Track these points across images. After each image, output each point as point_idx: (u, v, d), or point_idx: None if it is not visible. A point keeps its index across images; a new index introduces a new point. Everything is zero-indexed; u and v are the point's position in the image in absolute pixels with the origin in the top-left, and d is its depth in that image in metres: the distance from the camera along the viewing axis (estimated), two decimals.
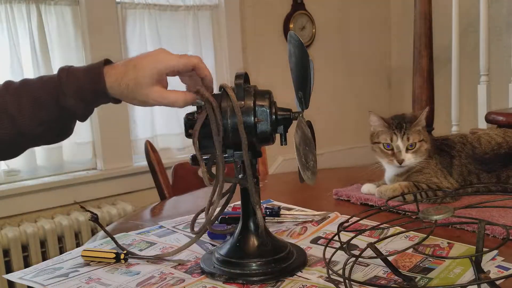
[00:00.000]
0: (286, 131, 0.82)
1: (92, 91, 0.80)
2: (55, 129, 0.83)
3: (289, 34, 0.81)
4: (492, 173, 1.11)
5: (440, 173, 1.11)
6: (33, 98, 0.78)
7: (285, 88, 1.26)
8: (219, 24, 2.89)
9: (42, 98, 0.78)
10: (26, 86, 0.79)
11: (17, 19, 2.21)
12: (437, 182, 1.09)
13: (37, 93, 0.79)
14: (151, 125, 2.68)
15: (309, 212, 1.10)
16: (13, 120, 0.78)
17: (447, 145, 1.15)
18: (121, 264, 0.89)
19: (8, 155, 0.84)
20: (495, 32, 2.90)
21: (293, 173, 0.91)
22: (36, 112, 0.78)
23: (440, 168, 1.11)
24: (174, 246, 0.95)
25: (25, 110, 0.78)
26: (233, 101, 0.77)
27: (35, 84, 0.80)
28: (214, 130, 0.76)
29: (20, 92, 0.79)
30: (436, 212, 0.74)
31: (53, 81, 0.79)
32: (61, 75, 0.80)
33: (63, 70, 0.81)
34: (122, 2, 2.52)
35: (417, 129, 1.12)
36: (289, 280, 0.78)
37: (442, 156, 1.13)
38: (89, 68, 0.81)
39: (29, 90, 0.79)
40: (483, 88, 2.35)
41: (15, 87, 0.80)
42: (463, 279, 0.73)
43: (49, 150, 2.33)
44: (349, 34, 3.44)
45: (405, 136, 1.10)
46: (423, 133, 1.12)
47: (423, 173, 1.11)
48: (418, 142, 1.11)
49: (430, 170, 1.11)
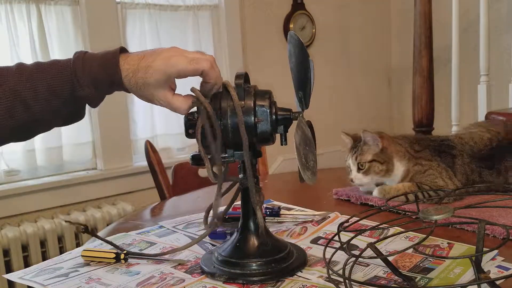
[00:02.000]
0: (286, 131, 0.82)
1: (107, 82, 0.80)
2: (68, 115, 0.83)
3: (289, 34, 0.81)
4: (492, 169, 1.12)
5: (445, 173, 1.10)
6: (48, 86, 0.78)
7: (285, 88, 1.26)
8: (219, 24, 2.89)
9: (57, 88, 0.78)
10: (41, 73, 0.79)
11: (17, 19, 2.21)
12: (442, 185, 1.09)
13: (53, 81, 0.78)
14: (151, 125, 2.68)
15: (309, 212, 1.10)
16: (27, 107, 0.78)
17: (447, 145, 1.15)
18: (121, 264, 0.89)
19: (20, 139, 0.85)
20: (495, 32, 2.90)
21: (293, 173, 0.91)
22: (51, 100, 0.79)
23: (445, 168, 1.11)
24: (174, 246, 0.95)
25: (40, 98, 0.78)
26: (234, 100, 0.77)
27: (50, 70, 0.79)
28: (209, 137, 0.76)
29: (35, 78, 0.78)
30: (436, 212, 0.74)
31: (68, 70, 0.79)
32: (76, 64, 0.79)
33: (78, 58, 0.80)
34: (122, 2, 2.52)
35: (369, 148, 1.11)
36: (289, 280, 0.78)
37: (443, 157, 1.13)
38: (105, 58, 0.80)
39: (44, 77, 0.78)
40: (483, 88, 2.35)
41: (30, 72, 0.79)
42: (463, 279, 0.73)
43: (49, 150, 2.33)
44: (349, 34, 3.44)
45: (354, 156, 1.12)
46: (379, 155, 1.11)
47: (427, 174, 1.11)
48: (367, 162, 1.11)
49: (434, 171, 1.11)
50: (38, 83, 0.78)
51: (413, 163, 1.11)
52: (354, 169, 1.13)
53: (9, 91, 0.77)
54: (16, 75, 0.79)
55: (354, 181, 1.13)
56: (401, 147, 1.14)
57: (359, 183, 1.13)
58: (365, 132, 1.12)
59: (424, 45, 2.31)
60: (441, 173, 1.10)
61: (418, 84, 2.33)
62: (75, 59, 0.80)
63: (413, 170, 1.11)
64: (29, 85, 0.78)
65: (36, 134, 0.85)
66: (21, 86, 0.78)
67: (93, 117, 2.46)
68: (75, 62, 0.80)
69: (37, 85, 0.78)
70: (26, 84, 0.78)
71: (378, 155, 1.11)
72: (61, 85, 0.78)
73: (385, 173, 1.11)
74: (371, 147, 1.12)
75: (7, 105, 0.77)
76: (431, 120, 2.35)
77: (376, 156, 1.11)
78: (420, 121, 2.34)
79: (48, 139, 2.33)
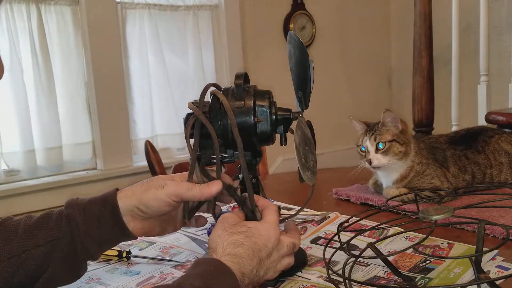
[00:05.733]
0: (286, 131, 0.82)
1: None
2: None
3: (289, 34, 0.81)
4: (471, 148, 1.17)
5: (440, 172, 1.11)
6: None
7: (285, 88, 1.26)
8: (219, 24, 2.89)
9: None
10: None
11: (17, 19, 2.22)
12: (439, 185, 1.09)
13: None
14: (151, 125, 2.68)
15: (309, 212, 1.10)
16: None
17: (436, 142, 1.19)
18: (121, 264, 0.89)
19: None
20: (495, 32, 2.90)
21: (293, 173, 0.91)
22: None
23: (439, 166, 1.12)
24: (174, 246, 0.95)
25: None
26: (225, 106, 0.76)
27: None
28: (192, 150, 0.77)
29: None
30: (436, 212, 0.74)
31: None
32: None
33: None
34: (122, 2, 2.52)
35: (388, 129, 1.11)
36: (289, 280, 0.78)
37: (436, 153, 1.15)
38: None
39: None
40: (483, 88, 2.35)
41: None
42: (463, 279, 0.73)
43: (49, 150, 2.33)
44: (349, 34, 3.44)
45: (373, 137, 1.11)
46: (399, 135, 1.11)
47: (425, 175, 1.11)
48: (387, 142, 1.10)
49: (432, 171, 1.11)
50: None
51: (418, 159, 1.12)
52: (372, 149, 1.11)
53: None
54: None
55: (373, 161, 1.11)
56: (413, 139, 1.15)
57: (377, 163, 1.11)
58: (387, 112, 1.11)
59: (424, 45, 2.31)
60: (437, 171, 1.11)
61: (418, 84, 2.33)
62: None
63: (415, 169, 1.11)
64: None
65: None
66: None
67: (93, 117, 2.46)
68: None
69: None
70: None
71: (398, 136, 1.11)
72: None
73: (403, 155, 1.10)
74: (390, 128, 1.11)
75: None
76: (431, 120, 2.35)
77: (396, 136, 1.11)
78: (420, 121, 2.34)
79: (48, 139, 2.33)
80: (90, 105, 2.46)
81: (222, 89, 0.81)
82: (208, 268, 0.65)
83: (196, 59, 2.81)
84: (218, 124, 0.77)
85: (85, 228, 0.73)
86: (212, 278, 0.64)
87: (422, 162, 1.12)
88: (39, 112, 2.31)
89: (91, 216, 0.74)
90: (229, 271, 0.66)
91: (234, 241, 0.70)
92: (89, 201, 0.77)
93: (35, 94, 2.30)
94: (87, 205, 0.76)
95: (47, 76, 2.31)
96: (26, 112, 2.27)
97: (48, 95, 2.32)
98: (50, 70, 2.32)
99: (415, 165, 1.12)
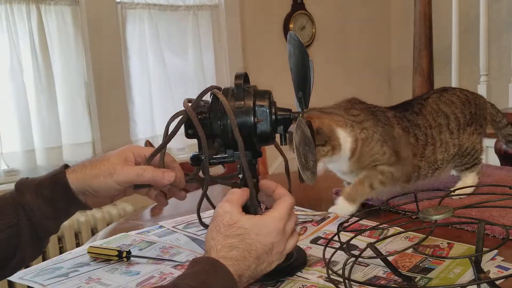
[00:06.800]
0: (286, 131, 0.82)
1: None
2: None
3: (289, 34, 0.81)
4: (409, 111, 1.12)
5: (384, 133, 1.06)
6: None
7: (285, 88, 1.26)
8: (219, 24, 2.89)
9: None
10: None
11: (17, 19, 2.21)
12: (385, 151, 1.05)
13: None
14: (151, 125, 2.68)
15: (309, 212, 1.10)
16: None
17: (374, 107, 1.12)
18: (121, 264, 0.89)
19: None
20: (495, 32, 2.90)
21: (293, 173, 0.91)
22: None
23: (383, 126, 1.07)
24: (174, 246, 0.95)
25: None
26: (225, 105, 0.76)
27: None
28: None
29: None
30: (436, 212, 0.74)
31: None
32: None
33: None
34: (122, 2, 2.52)
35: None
36: (289, 280, 0.78)
37: (377, 115, 1.09)
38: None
39: None
40: (483, 88, 2.35)
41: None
42: (463, 279, 0.73)
43: (49, 150, 2.33)
44: (349, 34, 3.44)
45: None
46: (318, 136, 1.02)
47: (375, 140, 1.05)
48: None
49: (378, 135, 1.05)
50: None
51: (358, 129, 1.05)
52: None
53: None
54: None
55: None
56: (339, 117, 1.06)
57: (317, 173, 1.05)
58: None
59: (424, 45, 2.31)
60: (383, 136, 1.05)
61: (418, 84, 2.33)
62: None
63: (361, 138, 1.05)
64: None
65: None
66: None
67: (93, 117, 2.46)
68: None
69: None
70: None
71: (316, 140, 0.99)
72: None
73: (332, 152, 1.04)
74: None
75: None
76: None
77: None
78: None
79: (48, 139, 2.33)
80: (90, 105, 2.46)
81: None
82: (204, 267, 0.66)
83: (196, 59, 2.81)
84: (218, 124, 0.77)
85: (40, 214, 0.78)
86: (209, 277, 0.64)
87: (366, 127, 1.05)
88: (39, 112, 2.31)
89: (44, 201, 0.79)
90: (225, 269, 0.67)
91: (229, 245, 0.69)
92: (39, 184, 0.80)
93: (35, 94, 2.30)
94: (38, 188, 0.79)
95: (47, 76, 2.31)
96: (26, 112, 2.27)
97: (48, 95, 2.32)
98: (50, 70, 2.32)
99: (357, 136, 1.04)
